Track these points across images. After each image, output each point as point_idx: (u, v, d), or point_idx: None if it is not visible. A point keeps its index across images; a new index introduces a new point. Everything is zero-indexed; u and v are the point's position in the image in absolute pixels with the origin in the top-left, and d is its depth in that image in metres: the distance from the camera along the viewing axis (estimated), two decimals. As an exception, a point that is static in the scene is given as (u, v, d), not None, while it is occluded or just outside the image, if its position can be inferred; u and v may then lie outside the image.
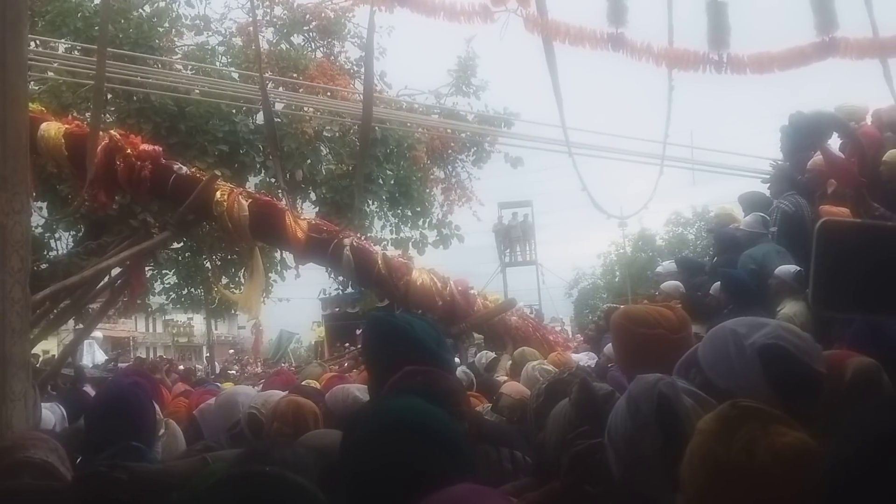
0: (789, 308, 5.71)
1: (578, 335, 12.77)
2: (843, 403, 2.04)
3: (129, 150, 8.52)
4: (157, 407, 3.13)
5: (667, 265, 9.25)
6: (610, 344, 6.57)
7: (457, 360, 6.54)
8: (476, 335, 9.24)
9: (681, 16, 4.76)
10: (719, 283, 6.39)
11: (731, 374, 2.00)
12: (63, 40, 12.84)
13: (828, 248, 2.00)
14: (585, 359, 6.85)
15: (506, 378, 5.66)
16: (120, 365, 15.23)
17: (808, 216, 6.82)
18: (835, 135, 6.62)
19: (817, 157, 6.75)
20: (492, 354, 7.30)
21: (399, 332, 2.56)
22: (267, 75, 13.05)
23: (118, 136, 8.60)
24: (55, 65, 11.74)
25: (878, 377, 2.19)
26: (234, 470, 1.52)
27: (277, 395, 3.80)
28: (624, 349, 2.59)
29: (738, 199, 8.07)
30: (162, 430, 3.17)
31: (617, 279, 37.73)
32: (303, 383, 5.56)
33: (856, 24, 4.59)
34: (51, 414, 4.39)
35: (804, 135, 6.82)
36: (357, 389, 3.79)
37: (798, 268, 6.01)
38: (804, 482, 1.27)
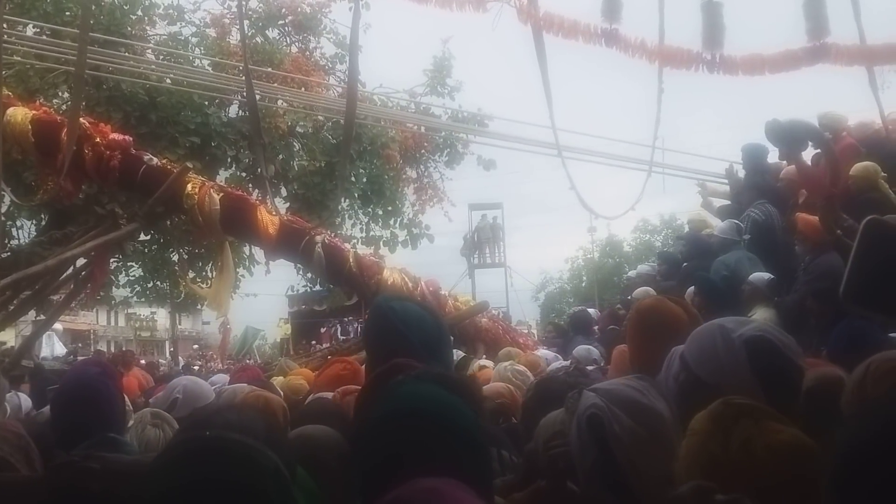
0: (760, 314, 5.78)
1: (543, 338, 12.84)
2: (806, 411, 2.08)
3: (97, 139, 8.36)
4: (126, 399, 3.05)
5: (641, 269, 9.33)
6: (579, 347, 6.64)
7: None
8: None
9: (676, 15, 4.78)
10: (693, 287, 6.44)
11: (718, 367, 2.03)
12: (31, 23, 12.57)
13: (870, 247, 2.00)
14: (552, 358, 6.88)
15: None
16: (79, 358, 14.98)
17: (778, 225, 6.92)
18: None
19: (790, 167, 6.85)
20: (462, 353, 7.27)
21: (393, 323, 2.54)
22: (241, 69, 12.93)
23: (87, 124, 8.42)
24: (22, 49, 11.48)
25: (837, 388, 2.23)
26: (177, 438, 1.50)
27: (244, 388, 3.76)
28: (647, 338, 2.56)
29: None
30: (130, 422, 3.10)
31: (584, 284, 38.07)
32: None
33: (846, 32, 4.65)
34: (7, 405, 4.27)
35: (779, 143, 6.90)
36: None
37: (771, 275, 6.09)
38: (801, 477, 1.29)
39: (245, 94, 7.20)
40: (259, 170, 10.53)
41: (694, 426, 1.45)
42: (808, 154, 6.63)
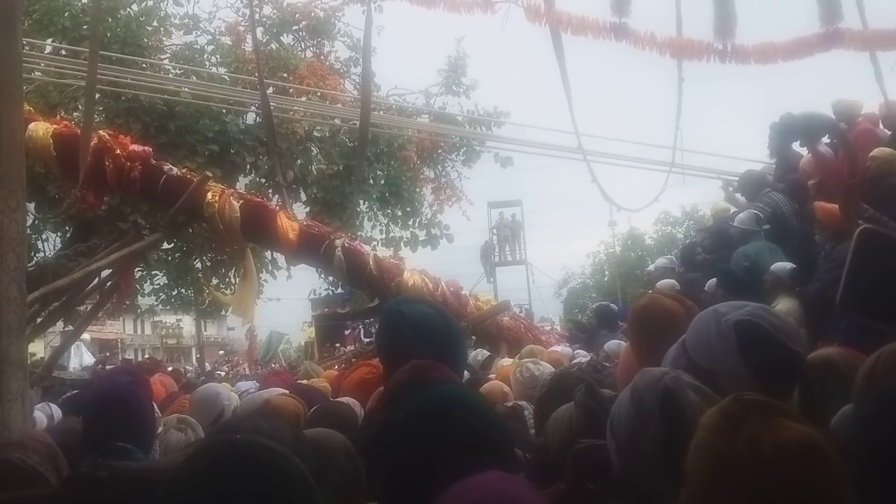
0: (783, 304, 5.75)
1: (565, 333, 12.81)
2: (804, 395, 2.09)
3: (118, 151, 8.45)
4: (154, 406, 3.10)
5: (659, 262, 9.30)
6: (610, 341, 6.63)
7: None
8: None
9: (686, 6, 4.74)
10: (715, 279, 6.42)
11: (711, 352, 2.04)
12: (50, 40, 12.75)
13: (864, 255, 2.01)
14: (576, 354, 6.87)
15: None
16: (108, 367, 15.13)
17: (787, 211, 6.91)
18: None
19: (808, 157, 6.80)
20: (486, 353, 7.29)
21: (400, 327, 2.56)
22: (258, 75, 13.02)
23: (107, 137, 8.53)
24: (42, 65, 11.65)
25: (825, 368, 2.27)
26: (206, 441, 1.52)
27: (271, 393, 3.82)
28: (645, 336, 2.58)
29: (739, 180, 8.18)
30: (160, 429, 3.15)
31: (606, 278, 37.78)
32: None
33: (858, 17, 4.59)
34: (42, 415, 4.36)
35: (794, 136, 6.86)
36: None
37: (793, 265, 6.05)
38: (809, 475, 1.26)
39: (260, 102, 7.24)
40: (281, 175, 10.61)
41: (704, 421, 1.43)
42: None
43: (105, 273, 8.96)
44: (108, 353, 30.69)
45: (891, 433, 1.17)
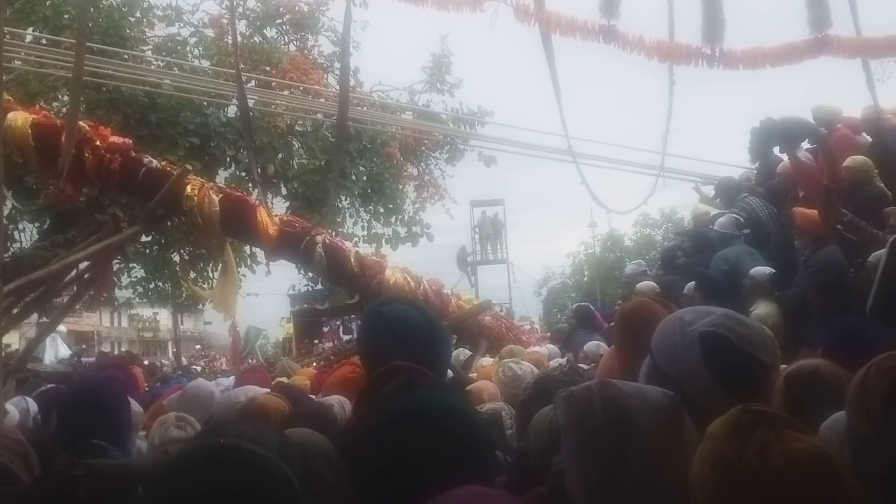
0: (762, 309, 5.79)
1: (548, 333, 12.85)
2: (786, 405, 2.10)
3: (98, 142, 8.36)
4: (133, 402, 3.06)
5: (635, 265, 9.38)
6: (590, 343, 6.66)
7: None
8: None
9: (675, 10, 4.73)
10: (693, 282, 6.46)
11: (676, 360, 2.02)
12: (31, 29, 12.57)
13: None
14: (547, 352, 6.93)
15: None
16: (84, 359, 14.97)
17: (763, 216, 6.98)
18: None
19: (786, 162, 6.86)
20: (468, 353, 7.30)
21: (379, 329, 2.55)
22: (241, 68, 12.92)
23: (87, 128, 8.42)
24: (23, 54, 11.48)
25: (813, 378, 2.25)
26: (190, 445, 1.50)
27: (254, 391, 3.77)
28: (632, 339, 2.56)
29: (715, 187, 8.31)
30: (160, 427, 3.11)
31: (585, 279, 37.98)
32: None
33: (846, 24, 4.61)
34: (15, 409, 4.28)
35: (774, 140, 6.92)
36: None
37: (772, 269, 6.10)
38: (821, 489, 1.26)
39: (237, 96, 7.17)
40: (255, 171, 10.54)
41: (711, 431, 1.41)
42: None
43: (83, 265, 8.86)
44: (84, 346, 30.33)
45: None
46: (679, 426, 1.63)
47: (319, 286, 17.11)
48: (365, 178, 15.31)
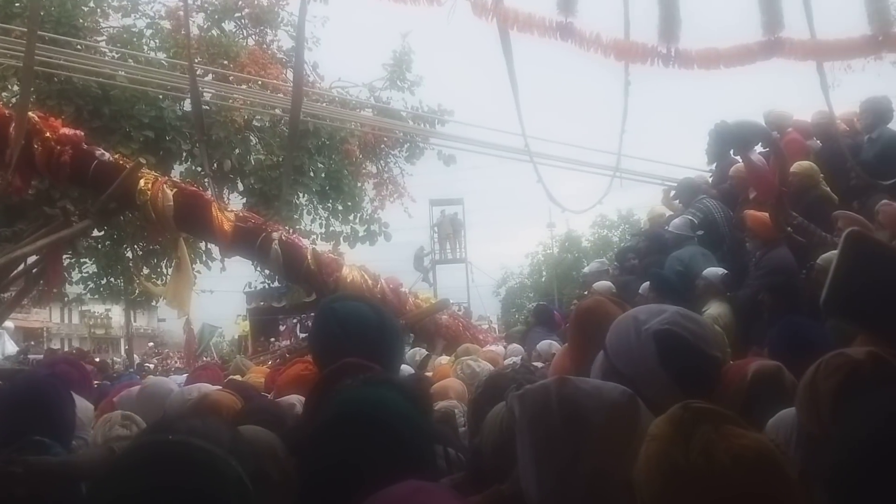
0: (714, 309, 5.87)
1: (504, 334, 12.92)
2: (747, 403, 2.12)
3: (48, 134, 8.14)
4: (83, 400, 2.98)
5: (597, 263, 9.46)
6: (542, 341, 6.69)
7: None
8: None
9: (633, 9, 4.76)
10: (648, 283, 6.54)
11: (631, 358, 2.05)
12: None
13: (853, 260, 2.02)
14: (510, 352, 6.94)
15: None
16: (31, 356, 14.62)
17: (719, 218, 7.10)
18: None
19: (739, 165, 6.98)
20: (424, 352, 7.28)
21: (330, 326, 2.52)
22: (198, 61, 12.72)
23: (37, 119, 8.21)
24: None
25: (778, 378, 2.26)
26: (138, 441, 1.47)
27: (207, 388, 3.70)
28: (586, 338, 2.57)
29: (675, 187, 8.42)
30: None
31: (543, 279, 38.26)
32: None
33: (800, 28, 4.69)
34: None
35: (728, 143, 7.03)
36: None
37: (725, 271, 6.20)
38: (766, 485, 1.26)
39: (190, 89, 7.03)
40: (208, 166, 10.38)
41: (653, 431, 1.41)
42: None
43: (31, 259, 8.64)
44: (32, 343, 29.64)
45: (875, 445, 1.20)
46: (635, 423, 1.63)
47: (276, 284, 16.94)
48: (323, 174, 15.19)
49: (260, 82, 13.51)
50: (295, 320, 20.99)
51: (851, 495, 1.20)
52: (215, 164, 13.54)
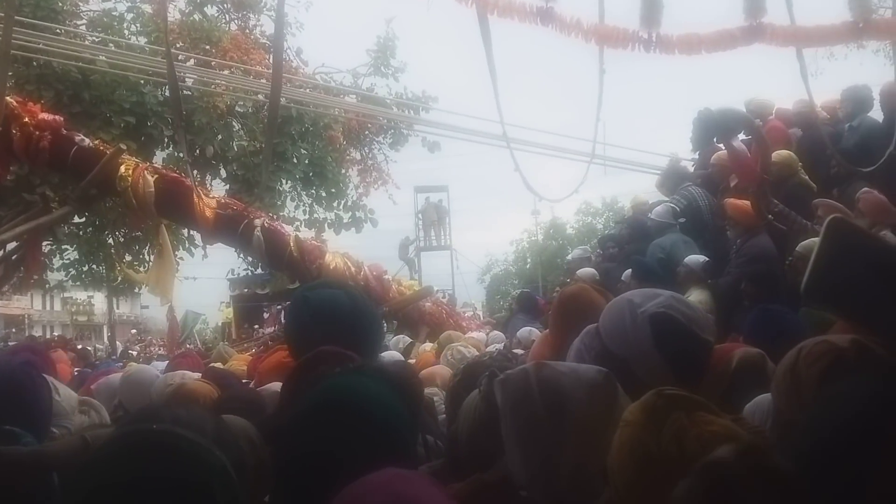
0: (695, 296, 5.89)
1: (492, 320, 12.96)
2: (730, 388, 2.15)
3: (26, 119, 8.06)
4: (55, 387, 2.93)
5: (581, 250, 9.49)
6: (523, 328, 6.71)
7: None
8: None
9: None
10: (630, 270, 6.56)
11: (626, 341, 2.08)
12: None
13: (834, 247, 2.03)
14: (491, 339, 6.97)
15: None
16: (10, 344, 14.54)
17: (703, 205, 7.13)
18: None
19: (721, 152, 7.00)
20: (408, 339, 7.28)
21: (303, 315, 2.51)
22: (179, 46, 12.60)
23: (15, 104, 8.11)
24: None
25: (761, 365, 2.29)
26: (119, 430, 1.45)
27: (190, 376, 3.69)
28: (568, 324, 2.58)
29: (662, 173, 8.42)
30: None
31: (528, 266, 38.39)
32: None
33: (782, 14, 4.68)
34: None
35: (711, 131, 7.05)
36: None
37: (706, 258, 6.23)
38: None
39: (167, 73, 6.93)
40: (186, 151, 10.28)
41: (627, 417, 1.43)
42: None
43: (10, 246, 8.57)
44: (13, 329, 29.45)
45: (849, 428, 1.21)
46: (613, 401, 1.67)
47: (260, 270, 16.87)
48: (307, 161, 15.09)
49: (242, 68, 13.39)
50: (279, 307, 20.94)
51: (828, 479, 1.21)
52: (197, 151, 13.45)
